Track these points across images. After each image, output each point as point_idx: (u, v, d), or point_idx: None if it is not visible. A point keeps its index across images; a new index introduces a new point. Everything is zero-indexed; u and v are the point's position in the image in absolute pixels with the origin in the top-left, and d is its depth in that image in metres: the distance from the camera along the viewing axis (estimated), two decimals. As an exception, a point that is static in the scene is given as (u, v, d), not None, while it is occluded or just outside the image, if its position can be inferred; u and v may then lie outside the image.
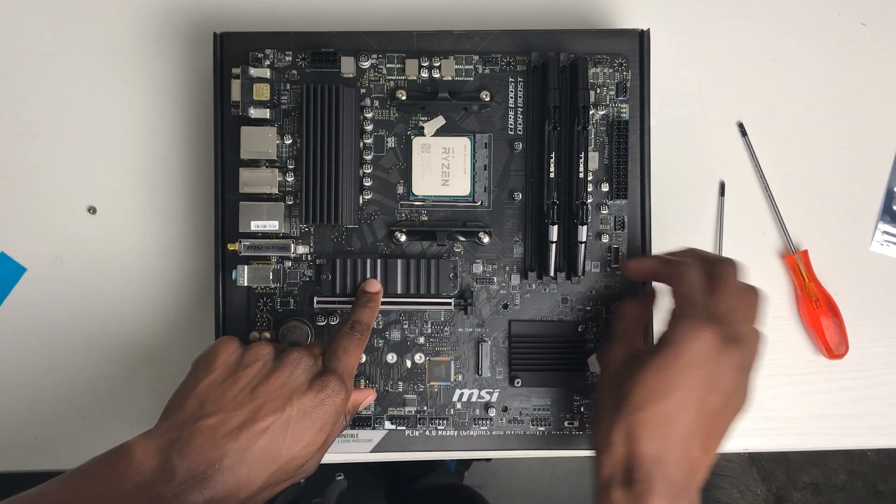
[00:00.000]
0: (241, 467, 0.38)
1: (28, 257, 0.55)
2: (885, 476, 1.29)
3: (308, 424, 0.41)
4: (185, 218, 0.55)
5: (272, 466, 0.39)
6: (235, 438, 0.38)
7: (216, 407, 0.40)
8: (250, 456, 0.39)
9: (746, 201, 0.56)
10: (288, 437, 0.40)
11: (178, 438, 0.38)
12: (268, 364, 0.42)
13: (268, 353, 0.43)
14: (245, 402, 0.40)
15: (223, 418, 0.39)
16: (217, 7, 0.56)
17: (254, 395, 0.40)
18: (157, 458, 0.38)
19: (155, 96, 0.55)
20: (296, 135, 0.51)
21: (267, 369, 0.42)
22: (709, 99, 0.56)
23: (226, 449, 0.38)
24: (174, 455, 0.38)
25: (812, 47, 0.57)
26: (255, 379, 0.41)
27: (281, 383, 0.41)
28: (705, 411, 0.41)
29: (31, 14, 0.55)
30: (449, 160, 0.52)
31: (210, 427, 0.39)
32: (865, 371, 0.56)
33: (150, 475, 0.37)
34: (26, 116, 0.55)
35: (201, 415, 0.39)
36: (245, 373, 0.41)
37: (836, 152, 0.57)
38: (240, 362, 0.42)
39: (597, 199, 0.52)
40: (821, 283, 0.55)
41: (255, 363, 0.42)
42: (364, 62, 0.51)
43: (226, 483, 0.38)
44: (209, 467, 0.37)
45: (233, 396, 0.40)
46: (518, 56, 0.52)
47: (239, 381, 0.41)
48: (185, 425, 0.39)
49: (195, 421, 0.39)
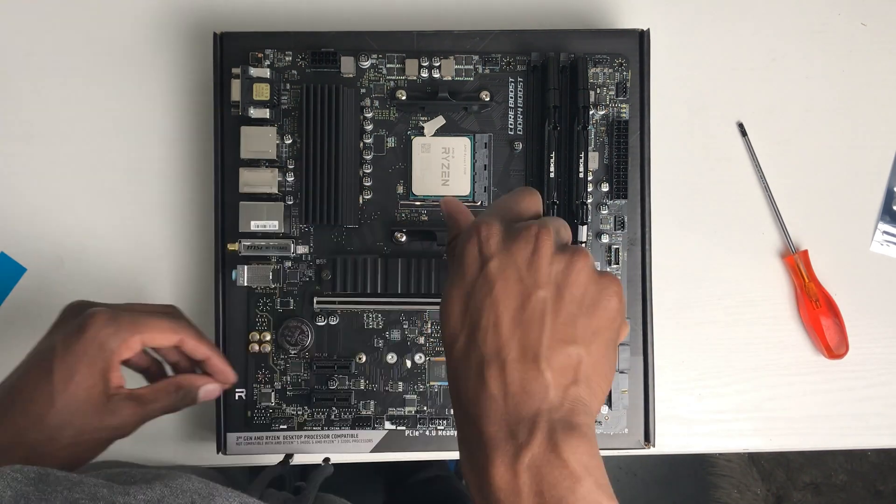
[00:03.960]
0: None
1: (28, 257, 0.55)
2: (885, 476, 1.29)
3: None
4: (185, 218, 0.55)
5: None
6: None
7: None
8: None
9: (746, 201, 0.56)
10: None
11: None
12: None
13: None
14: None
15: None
16: (217, 7, 0.56)
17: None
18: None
19: (155, 96, 0.55)
20: (296, 135, 0.51)
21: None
22: (709, 99, 0.56)
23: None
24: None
25: (812, 47, 0.57)
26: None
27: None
28: (531, 310, 0.32)
29: (31, 14, 0.55)
30: (449, 160, 0.52)
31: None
32: (865, 371, 0.56)
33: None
34: (26, 116, 0.55)
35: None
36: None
37: (836, 152, 0.57)
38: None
39: (597, 199, 0.52)
40: (821, 283, 0.55)
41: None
42: (364, 62, 0.51)
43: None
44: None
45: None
46: (518, 56, 0.52)
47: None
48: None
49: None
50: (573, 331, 0.32)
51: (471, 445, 0.31)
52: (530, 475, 0.29)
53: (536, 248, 0.33)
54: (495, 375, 0.31)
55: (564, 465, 0.29)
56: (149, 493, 0.30)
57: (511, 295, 0.32)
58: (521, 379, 0.31)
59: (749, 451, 0.57)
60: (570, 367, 0.32)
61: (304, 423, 0.51)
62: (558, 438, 0.30)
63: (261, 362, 0.51)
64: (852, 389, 0.56)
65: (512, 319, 0.32)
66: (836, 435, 0.56)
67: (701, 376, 0.56)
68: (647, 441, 0.52)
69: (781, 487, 1.28)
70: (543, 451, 0.30)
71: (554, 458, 0.29)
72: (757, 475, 1.28)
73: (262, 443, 0.51)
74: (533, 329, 0.31)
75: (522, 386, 0.31)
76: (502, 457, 0.30)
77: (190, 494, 0.31)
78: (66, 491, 0.28)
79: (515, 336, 0.31)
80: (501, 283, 0.32)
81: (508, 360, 0.31)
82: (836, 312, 0.55)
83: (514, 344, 0.31)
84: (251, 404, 0.51)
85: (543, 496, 0.29)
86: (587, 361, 0.32)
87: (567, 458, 0.29)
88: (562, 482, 0.29)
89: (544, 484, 0.29)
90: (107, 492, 0.29)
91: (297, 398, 0.51)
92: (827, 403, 0.56)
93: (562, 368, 0.31)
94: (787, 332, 0.56)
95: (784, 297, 0.56)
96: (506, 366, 0.31)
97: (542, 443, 0.30)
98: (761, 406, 0.55)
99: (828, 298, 0.55)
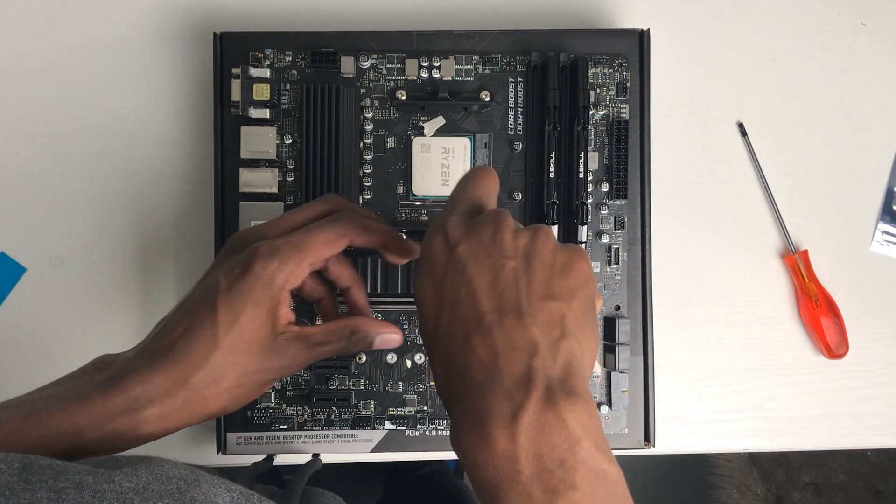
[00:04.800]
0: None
1: (28, 257, 0.55)
2: (885, 476, 1.29)
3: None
4: (185, 218, 0.55)
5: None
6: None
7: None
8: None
9: (746, 201, 0.56)
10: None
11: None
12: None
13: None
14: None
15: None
16: (217, 7, 0.56)
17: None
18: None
19: (155, 96, 0.55)
20: (296, 135, 0.51)
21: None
22: (709, 99, 0.56)
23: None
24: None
25: (812, 47, 0.57)
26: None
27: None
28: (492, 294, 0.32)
29: (31, 14, 0.55)
30: (449, 160, 0.52)
31: None
32: (865, 371, 0.56)
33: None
34: (26, 116, 0.55)
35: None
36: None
37: (836, 152, 0.57)
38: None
39: (597, 199, 0.52)
40: (821, 283, 0.55)
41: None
42: (364, 62, 0.51)
43: None
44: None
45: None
46: (518, 56, 0.52)
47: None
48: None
49: None
50: (550, 289, 0.32)
51: (462, 422, 0.31)
52: (528, 438, 0.28)
53: (498, 227, 0.33)
54: (481, 341, 0.31)
55: (563, 425, 0.28)
56: (134, 481, 0.30)
57: (483, 270, 0.32)
58: (509, 338, 0.30)
59: (749, 451, 0.57)
60: (554, 321, 0.31)
61: (304, 422, 0.51)
62: (556, 398, 0.29)
63: (261, 362, 0.51)
64: (852, 389, 0.56)
65: (488, 290, 0.32)
66: (836, 435, 0.56)
67: (701, 376, 0.56)
68: (647, 441, 0.52)
69: (781, 487, 1.28)
70: (541, 411, 0.28)
71: (552, 418, 0.28)
72: (757, 475, 1.28)
73: (262, 443, 0.51)
74: (510, 293, 0.31)
75: (511, 343, 0.30)
76: (498, 421, 0.29)
77: (176, 481, 0.30)
78: (50, 480, 0.28)
79: (494, 303, 0.31)
80: (472, 263, 0.32)
81: (493, 324, 0.31)
82: (836, 312, 0.55)
83: (493, 309, 0.31)
84: (251, 404, 0.51)
85: (542, 459, 0.28)
86: (570, 316, 0.32)
87: (566, 418, 0.28)
88: (561, 444, 0.28)
89: (543, 446, 0.28)
90: (92, 479, 0.29)
91: (297, 398, 0.51)
92: (827, 403, 0.56)
93: (547, 323, 0.31)
94: (787, 332, 0.56)
95: (784, 297, 0.56)
96: (491, 329, 0.31)
97: (539, 401, 0.29)
98: (761, 406, 0.55)
99: (828, 298, 0.55)
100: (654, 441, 0.52)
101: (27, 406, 0.35)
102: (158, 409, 0.35)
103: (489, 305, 0.31)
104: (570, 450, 0.28)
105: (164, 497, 0.29)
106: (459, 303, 0.32)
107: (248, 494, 0.32)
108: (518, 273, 0.32)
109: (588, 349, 0.32)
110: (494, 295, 0.32)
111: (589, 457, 0.28)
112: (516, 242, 0.33)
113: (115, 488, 0.29)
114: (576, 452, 0.28)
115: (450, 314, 0.32)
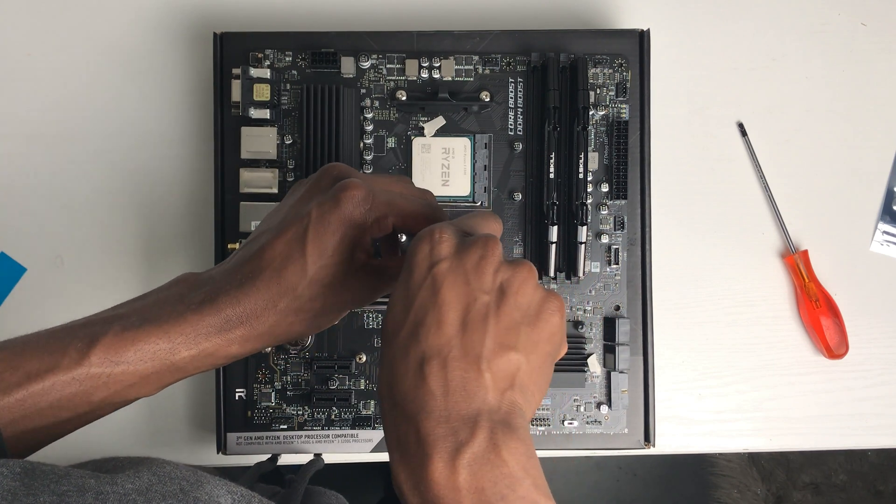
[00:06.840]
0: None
1: (28, 257, 0.55)
2: (885, 476, 1.29)
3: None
4: (185, 218, 0.55)
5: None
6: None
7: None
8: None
9: (746, 201, 0.56)
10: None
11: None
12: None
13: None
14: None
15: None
16: (217, 7, 0.56)
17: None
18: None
19: (155, 96, 0.55)
20: (296, 135, 0.51)
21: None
22: (709, 99, 0.56)
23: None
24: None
25: (812, 47, 0.57)
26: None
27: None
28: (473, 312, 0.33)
29: (31, 13, 0.55)
30: (449, 160, 0.52)
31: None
32: (865, 371, 0.56)
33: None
34: (26, 116, 0.55)
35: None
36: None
37: (836, 152, 0.57)
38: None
39: (597, 199, 0.52)
40: (821, 283, 0.55)
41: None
42: (364, 62, 0.51)
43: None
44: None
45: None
46: (518, 56, 0.52)
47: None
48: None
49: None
50: (515, 338, 0.33)
51: (405, 443, 0.31)
52: (470, 473, 0.30)
53: (484, 255, 0.33)
54: (436, 372, 0.31)
55: (504, 464, 0.30)
56: (136, 482, 0.30)
57: (457, 297, 0.33)
58: (462, 378, 0.31)
59: (749, 451, 0.57)
60: (509, 372, 0.32)
61: (305, 422, 0.51)
62: (499, 439, 0.30)
63: (261, 362, 0.51)
64: (852, 389, 0.56)
65: (456, 320, 0.32)
66: (836, 435, 0.56)
67: (701, 376, 0.56)
68: (647, 441, 0.52)
69: (781, 487, 1.28)
70: (484, 451, 0.30)
71: (494, 458, 0.30)
72: (757, 475, 1.28)
73: (263, 443, 0.51)
74: (476, 331, 0.32)
75: (463, 385, 0.31)
76: (441, 453, 0.30)
77: (178, 482, 0.31)
78: (53, 484, 0.28)
79: (458, 336, 0.32)
80: (448, 286, 0.33)
81: (450, 358, 0.31)
82: (836, 312, 0.55)
83: (456, 343, 0.32)
84: (251, 404, 0.51)
85: (484, 493, 0.29)
86: (525, 370, 0.33)
87: (507, 459, 0.30)
88: (502, 480, 0.30)
89: (485, 481, 0.30)
90: (94, 482, 0.29)
91: (297, 398, 0.51)
92: (827, 403, 0.56)
93: (501, 373, 0.32)
94: (787, 332, 0.56)
95: (784, 297, 0.56)
96: (447, 363, 0.31)
97: (484, 442, 0.30)
98: (761, 406, 0.55)
99: (828, 298, 0.55)
100: (654, 441, 0.52)
101: (121, 322, 0.36)
102: (247, 331, 0.36)
103: (452, 336, 0.32)
104: (510, 486, 0.30)
105: (167, 497, 0.29)
106: (423, 324, 0.32)
107: (250, 496, 0.32)
108: (489, 310, 0.32)
109: (533, 401, 0.34)
110: (461, 328, 0.32)
111: (527, 493, 0.30)
112: (496, 275, 0.33)
113: (117, 490, 0.29)
114: (516, 489, 0.30)
115: (411, 330, 0.33)
